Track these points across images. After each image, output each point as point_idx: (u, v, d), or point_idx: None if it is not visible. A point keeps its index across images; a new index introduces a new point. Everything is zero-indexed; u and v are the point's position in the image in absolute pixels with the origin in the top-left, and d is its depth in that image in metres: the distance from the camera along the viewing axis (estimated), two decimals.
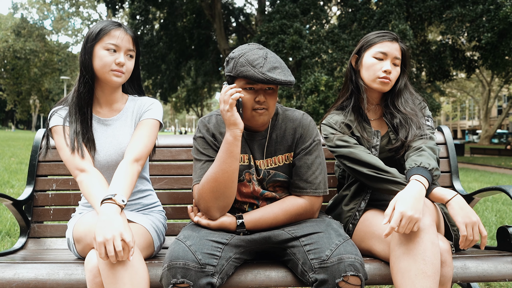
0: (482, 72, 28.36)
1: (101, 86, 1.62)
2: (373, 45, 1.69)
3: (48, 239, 1.92)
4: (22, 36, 39.50)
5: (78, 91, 1.59)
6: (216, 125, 1.56)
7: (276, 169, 1.54)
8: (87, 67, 1.56)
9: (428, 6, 12.44)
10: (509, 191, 1.57)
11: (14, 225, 3.56)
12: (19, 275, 1.38)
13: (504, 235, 1.59)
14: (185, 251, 1.26)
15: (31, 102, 45.09)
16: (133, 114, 1.66)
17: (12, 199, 1.78)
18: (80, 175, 1.50)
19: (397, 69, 1.69)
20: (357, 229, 1.60)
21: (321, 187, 1.50)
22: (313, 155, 1.52)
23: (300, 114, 1.57)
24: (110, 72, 1.54)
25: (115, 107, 1.67)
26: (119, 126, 1.65)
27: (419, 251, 1.28)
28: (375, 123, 1.76)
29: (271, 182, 1.55)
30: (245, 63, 1.38)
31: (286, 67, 1.43)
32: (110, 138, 1.62)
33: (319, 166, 1.52)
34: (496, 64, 12.57)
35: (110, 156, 1.59)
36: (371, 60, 1.68)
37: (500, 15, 10.70)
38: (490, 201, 5.52)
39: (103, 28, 1.55)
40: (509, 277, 1.44)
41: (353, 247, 1.32)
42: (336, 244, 1.30)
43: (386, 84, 1.67)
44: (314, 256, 1.29)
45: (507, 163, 15.95)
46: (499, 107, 47.71)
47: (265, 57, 1.39)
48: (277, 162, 1.55)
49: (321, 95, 10.85)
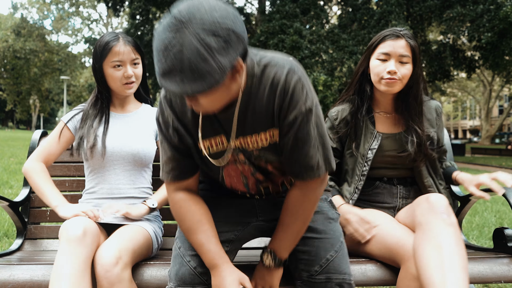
0: (483, 72, 28.34)
1: (116, 95, 1.77)
2: (376, 47, 1.64)
3: (45, 241, 1.92)
4: (22, 36, 39.52)
5: (96, 100, 1.74)
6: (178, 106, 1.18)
7: (261, 150, 1.20)
8: (102, 85, 1.70)
9: (428, 6, 12.44)
10: (506, 193, 1.56)
11: (12, 226, 3.56)
12: (15, 276, 1.38)
13: (500, 237, 1.58)
14: (191, 275, 1.21)
15: (31, 102, 45.13)
16: (145, 120, 1.78)
17: (9, 200, 1.78)
18: (40, 163, 1.68)
19: (406, 67, 1.60)
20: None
21: (321, 167, 1.17)
22: (303, 130, 1.12)
23: (281, 73, 1.10)
24: (122, 86, 1.67)
25: (128, 108, 1.80)
26: (129, 121, 1.75)
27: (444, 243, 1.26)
28: (384, 122, 1.72)
29: (260, 159, 1.23)
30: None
31: (195, 65, 0.90)
32: (119, 129, 1.71)
33: (315, 142, 1.14)
34: (497, 64, 12.57)
35: (116, 145, 1.67)
36: (375, 62, 1.64)
37: (501, 15, 10.69)
38: (489, 202, 5.52)
39: (105, 46, 1.63)
40: (505, 279, 1.43)
41: (344, 260, 1.26)
42: (327, 259, 1.24)
43: (392, 84, 1.60)
44: (304, 267, 1.25)
45: (508, 163, 15.95)
46: (500, 107, 47.69)
47: (165, 48, 0.91)
48: (260, 141, 1.18)
49: (320, 95, 10.85)
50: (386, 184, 1.68)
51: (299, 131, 1.12)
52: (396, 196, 1.68)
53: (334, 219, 1.36)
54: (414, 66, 1.62)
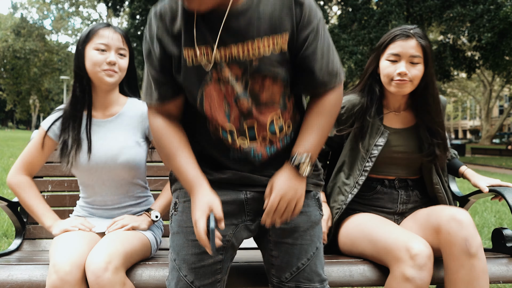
0: (483, 72, 28.35)
1: (96, 89, 1.59)
2: (386, 47, 1.60)
3: (44, 241, 1.92)
4: (21, 35, 39.54)
5: (75, 97, 1.58)
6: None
7: (262, 61, 1.09)
8: (80, 70, 1.55)
9: (428, 6, 12.44)
10: (505, 194, 1.56)
11: (11, 226, 3.56)
12: (13, 276, 1.38)
13: (499, 237, 1.58)
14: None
15: (31, 102, 45.11)
16: (132, 119, 1.63)
17: (7, 200, 1.78)
18: (25, 176, 1.62)
19: (417, 68, 1.56)
20: (349, 233, 1.58)
21: (341, 71, 1.18)
22: (323, 35, 1.12)
23: None
24: (102, 72, 1.52)
25: (110, 111, 1.63)
26: (112, 128, 1.61)
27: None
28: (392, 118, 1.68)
29: (256, 74, 1.10)
30: None
31: None
32: (101, 141, 1.58)
33: (330, 45, 1.15)
34: (497, 64, 12.60)
35: (99, 158, 1.56)
36: (385, 63, 1.60)
37: (501, 15, 10.70)
38: (489, 202, 5.52)
39: (92, 29, 1.55)
40: (504, 279, 1.43)
41: (316, 267, 1.22)
42: (298, 267, 1.21)
43: (402, 85, 1.56)
44: (275, 273, 1.23)
45: (508, 163, 15.95)
46: (500, 107, 47.70)
47: None
48: (262, 48, 1.08)
49: None
50: (387, 189, 1.66)
51: (319, 35, 1.11)
52: (397, 201, 1.66)
53: (316, 221, 1.27)
54: (425, 67, 1.58)
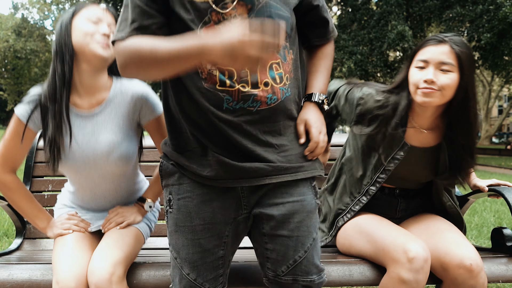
0: (482, 72, 28.34)
1: (80, 69, 1.34)
2: (416, 53, 1.47)
3: (44, 240, 1.92)
4: (22, 36, 39.56)
5: (55, 78, 1.33)
6: None
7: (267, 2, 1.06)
8: (65, 44, 1.31)
9: (428, 6, 12.45)
10: (505, 194, 1.57)
11: (12, 226, 3.56)
12: (13, 276, 1.38)
13: (499, 237, 1.59)
14: (193, 286, 1.18)
15: None
16: (121, 107, 1.42)
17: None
18: (9, 174, 1.44)
19: (448, 76, 1.38)
20: (347, 233, 1.57)
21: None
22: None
23: None
24: (95, 44, 1.29)
25: (97, 97, 1.40)
26: (100, 122, 1.41)
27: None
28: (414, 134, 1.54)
29: (261, 15, 1.06)
30: None
31: None
32: (89, 136, 1.40)
33: None
34: (496, 64, 12.59)
35: (87, 156, 1.40)
36: (412, 71, 1.46)
37: (500, 15, 10.71)
38: (488, 202, 5.52)
39: (81, 4, 1.36)
40: (503, 279, 1.43)
41: (313, 259, 1.18)
42: (295, 260, 1.17)
43: (429, 94, 1.38)
44: (271, 266, 1.19)
45: (507, 163, 15.94)
46: (499, 107, 47.70)
47: None
48: None
49: None
50: (386, 196, 1.64)
51: None
52: (396, 208, 1.65)
53: (312, 210, 1.21)
54: (461, 76, 1.39)
